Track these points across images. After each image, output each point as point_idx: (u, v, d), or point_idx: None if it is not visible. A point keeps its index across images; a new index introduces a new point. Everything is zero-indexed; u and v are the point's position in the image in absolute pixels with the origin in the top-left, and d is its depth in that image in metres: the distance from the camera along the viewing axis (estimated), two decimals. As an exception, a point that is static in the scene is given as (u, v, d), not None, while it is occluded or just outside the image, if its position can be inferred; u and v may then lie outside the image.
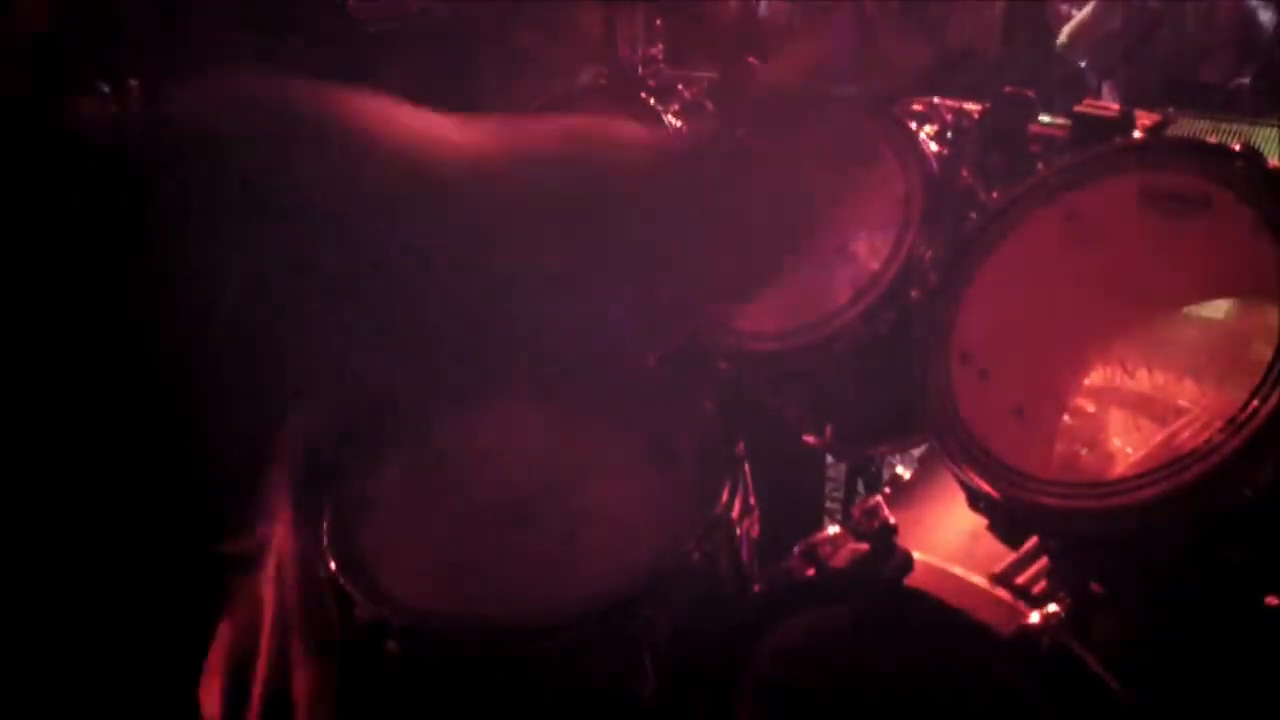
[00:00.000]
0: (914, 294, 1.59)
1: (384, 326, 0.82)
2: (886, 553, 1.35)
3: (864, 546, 1.38)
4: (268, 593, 1.49)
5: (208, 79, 0.80)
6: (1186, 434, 1.20)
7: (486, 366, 2.04)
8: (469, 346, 0.83)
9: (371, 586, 1.57)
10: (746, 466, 1.79)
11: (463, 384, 2.02)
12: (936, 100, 1.81)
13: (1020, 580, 1.33)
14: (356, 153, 0.76)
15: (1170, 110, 1.65)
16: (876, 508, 1.36)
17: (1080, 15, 3.72)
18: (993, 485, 1.29)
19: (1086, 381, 1.31)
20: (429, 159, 0.79)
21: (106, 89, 0.82)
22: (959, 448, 1.33)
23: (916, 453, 2.24)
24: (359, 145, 0.77)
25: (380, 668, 1.67)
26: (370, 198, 0.76)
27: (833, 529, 1.48)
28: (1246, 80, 3.54)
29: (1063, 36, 3.76)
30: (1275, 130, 1.98)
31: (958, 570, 1.35)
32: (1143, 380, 1.27)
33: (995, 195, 1.63)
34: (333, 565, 1.59)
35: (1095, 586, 1.32)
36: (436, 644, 1.60)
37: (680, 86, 2.18)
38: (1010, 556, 1.35)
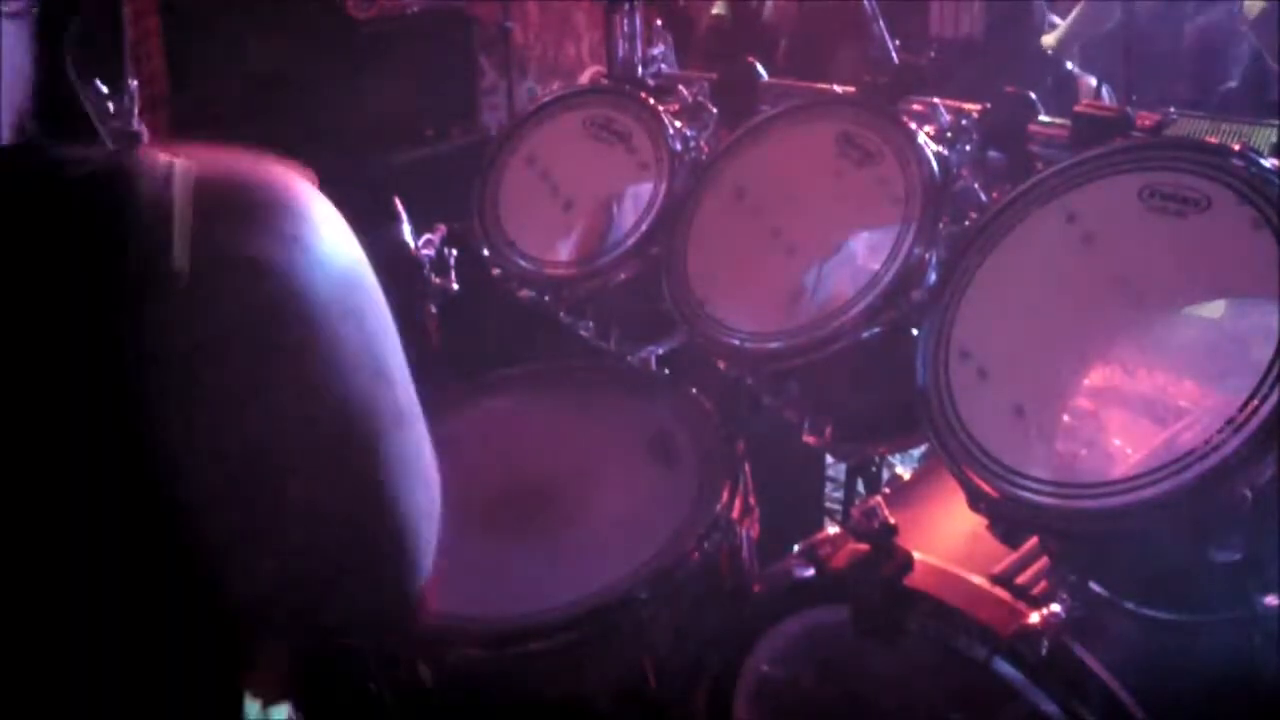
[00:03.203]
0: (914, 294, 1.59)
1: None
2: (886, 553, 1.35)
3: (864, 546, 1.38)
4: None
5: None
6: (1186, 434, 1.19)
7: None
8: None
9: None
10: (746, 466, 1.79)
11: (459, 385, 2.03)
12: (936, 100, 1.81)
13: (1020, 580, 1.33)
14: None
15: (1170, 110, 1.64)
16: (876, 508, 1.36)
17: (1070, 18, 3.70)
18: (993, 485, 1.29)
19: (1086, 381, 1.31)
20: None
21: (104, 89, 0.81)
22: (959, 448, 1.33)
23: (916, 453, 2.25)
24: None
25: (379, 668, 1.67)
26: None
27: (833, 529, 1.48)
28: (1234, 84, 3.55)
29: (1051, 39, 3.75)
30: (1274, 130, 1.97)
31: (958, 570, 1.35)
32: (1143, 380, 1.27)
33: (995, 195, 1.63)
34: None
35: (1095, 586, 1.32)
36: (435, 644, 1.60)
37: (680, 87, 2.18)
38: (1010, 556, 1.35)
